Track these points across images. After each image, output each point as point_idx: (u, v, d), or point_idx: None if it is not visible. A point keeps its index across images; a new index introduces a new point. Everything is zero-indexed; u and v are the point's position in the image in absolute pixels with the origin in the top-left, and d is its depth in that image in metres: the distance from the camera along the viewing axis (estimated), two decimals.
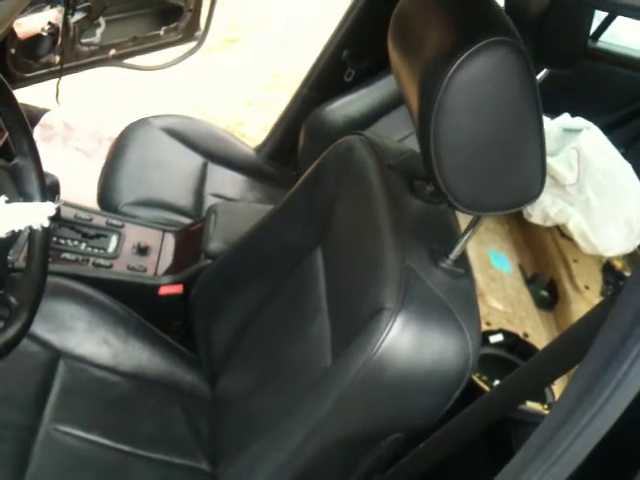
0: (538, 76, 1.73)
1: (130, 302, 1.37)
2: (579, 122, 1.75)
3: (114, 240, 1.51)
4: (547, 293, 1.55)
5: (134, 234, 1.54)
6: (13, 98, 1.06)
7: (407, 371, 0.80)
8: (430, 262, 0.88)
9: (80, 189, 1.75)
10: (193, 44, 2.21)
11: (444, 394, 0.83)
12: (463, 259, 0.91)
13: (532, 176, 0.79)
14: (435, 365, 0.81)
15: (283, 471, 0.93)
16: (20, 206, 0.96)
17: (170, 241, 1.56)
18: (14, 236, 0.96)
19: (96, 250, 1.47)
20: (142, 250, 1.50)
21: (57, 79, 1.95)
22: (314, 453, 0.90)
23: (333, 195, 1.10)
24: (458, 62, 0.73)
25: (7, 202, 0.91)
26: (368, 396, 0.83)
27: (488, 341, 1.36)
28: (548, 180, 1.71)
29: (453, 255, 0.88)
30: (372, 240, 0.93)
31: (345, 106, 1.91)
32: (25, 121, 1.08)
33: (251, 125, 3.05)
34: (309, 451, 0.90)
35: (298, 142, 2.00)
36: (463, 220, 1.08)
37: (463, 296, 0.86)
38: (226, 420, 1.22)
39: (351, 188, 1.06)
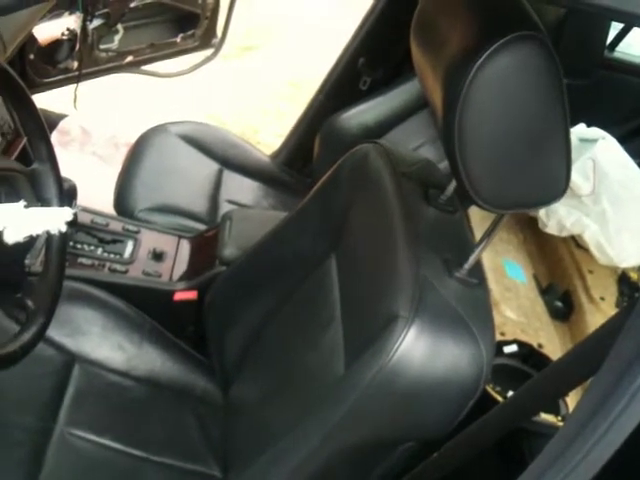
0: None
1: (145, 307, 1.38)
2: (595, 132, 1.74)
3: (130, 245, 1.52)
4: (562, 304, 1.55)
5: (150, 240, 1.55)
6: (32, 103, 1.07)
7: (420, 380, 0.80)
8: (444, 271, 0.88)
9: (96, 194, 1.76)
10: (210, 51, 2.23)
11: (457, 404, 0.83)
12: (478, 269, 0.91)
13: (557, 173, 0.78)
14: (448, 374, 0.80)
15: (295, 478, 0.92)
16: (38, 211, 0.97)
17: (185, 247, 1.57)
18: (31, 241, 0.97)
19: (112, 255, 1.48)
20: (157, 256, 1.51)
21: (75, 85, 1.97)
22: (326, 461, 0.90)
23: (347, 203, 1.10)
24: (484, 57, 0.72)
25: (25, 207, 0.92)
26: (381, 404, 0.83)
27: (502, 351, 1.36)
28: None
29: (468, 265, 0.88)
30: (386, 249, 0.93)
31: (360, 114, 1.92)
32: (44, 126, 1.09)
33: (266, 133, 3.06)
34: (321, 458, 0.90)
35: (313, 150, 2.01)
36: (477, 231, 1.08)
37: (477, 306, 0.86)
38: (238, 426, 1.23)
39: (366, 196, 1.06)
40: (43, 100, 1.74)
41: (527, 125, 0.75)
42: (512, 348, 1.37)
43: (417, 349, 0.79)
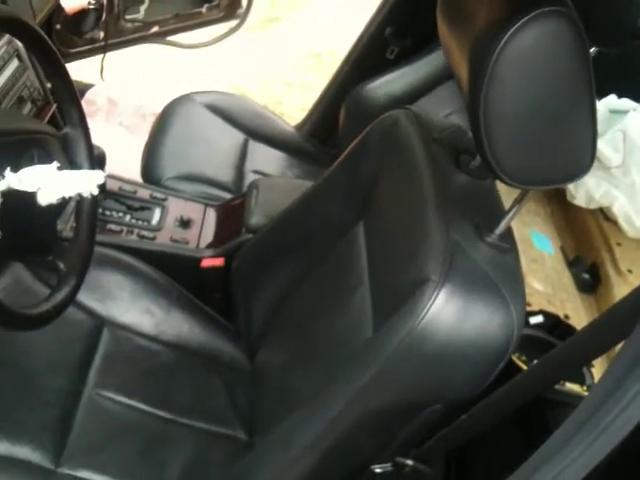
0: None
1: (172, 274, 1.40)
2: (626, 103, 1.71)
3: (157, 213, 1.53)
4: (589, 276, 1.53)
5: (177, 207, 1.56)
6: (65, 69, 1.08)
7: (450, 343, 0.80)
8: (475, 236, 0.87)
9: (123, 164, 1.77)
10: (234, 22, 2.23)
11: (486, 367, 0.83)
12: (508, 234, 0.90)
13: (582, 150, 0.78)
14: (479, 338, 0.80)
15: (320, 440, 0.93)
16: (70, 173, 0.97)
17: (212, 215, 1.57)
18: (63, 203, 0.98)
19: (140, 222, 1.49)
20: (185, 223, 1.52)
21: (101, 55, 1.98)
22: (352, 423, 0.91)
23: (377, 169, 1.10)
24: (510, 32, 0.71)
25: (58, 169, 0.93)
26: (410, 366, 0.83)
27: (528, 322, 1.35)
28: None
29: (499, 230, 0.88)
30: (416, 214, 0.93)
31: (387, 84, 1.90)
32: (75, 92, 1.10)
33: (290, 105, 3.05)
34: (347, 421, 0.91)
35: (338, 120, 2.00)
36: (506, 200, 1.07)
37: (508, 270, 0.86)
38: (264, 391, 1.24)
39: (395, 162, 1.06)
40: (69, 70, 1.75)
41: (553, 101, 0.75)
42: (538, 319, 1.36)
43: (447, 312, 0.79)
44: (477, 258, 0.84)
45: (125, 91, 2.50)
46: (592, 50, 1.55)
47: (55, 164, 0.93)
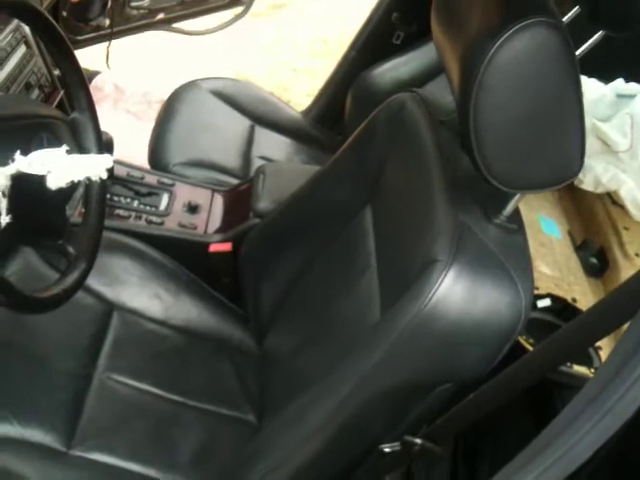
0: (592, 38, 1.70)
1: (180, 259, 1.41)
2: (633, 87, 1.70)
3: (165, 198, 1.54)
4: (596, 260, 1.53)
5: (184, 193, 1.56)
6: (73, 54, 1.08)
7: (459, 323, 0.80)
8: (483, 217, 0.88)
9: (130, 150, 1.78)
10: (240, 9, 2.22)
11: (495, 346, 0.83)
12: (516, 216, 0.90)
13: (571, 155, 0.79)
14: (487, 317, 0.81)
15: (330, 421, 0.94)
16: (79, 157, 0.98)
17: (219, 200, 1.58)
18: (72, 188, 0.99)
19: (148, 207, 1.50)
20: (192, 208, 1.52)
21: (107, 42, 1.98)
22: (362, 404, 0.91)
23: (384, 152, 1.10)
24: (500, 41, 0.73)
25: (68, 152, 0.93)
26: (419, 347, 0.83)
27: (535, 305, 1.35)
28: (600, 146, 1.68)
29: (507, 211, 0.88)
30: (424, 196, 0.93)
31: (393, 69, 1.90)
32: (84, 77, 1.10)
33: (296, 91, 3.04)
34: (357, 402, 0.91)
35: (345, 106, 2.00)
36: None
37: (516, 251, 0.86)
38: (273, 375, 1.25)
39: (403, 145, 1.06)
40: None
41: (541, 109, 0.77)
42: (545, 302, 1.36)
43: (455, 292, 0.80)
44: (485, 239, 0.84)
45: (131, 78, 2.50)
46: (600, 34, 1.54)
47: (65, 147, 0.93)
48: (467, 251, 0.81)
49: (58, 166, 0.92)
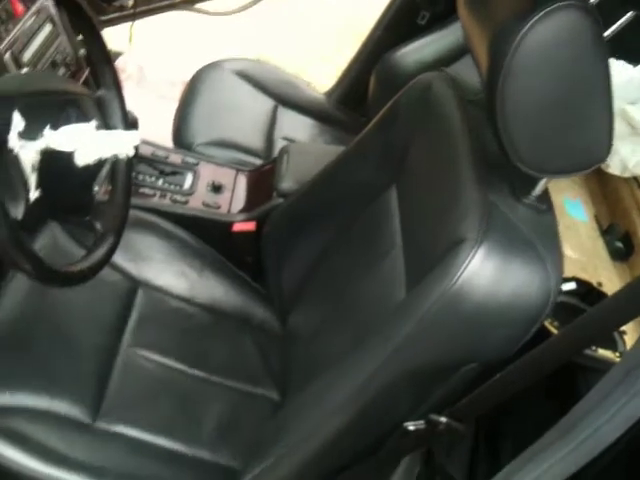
0: (622, 19, 1.66)
1: (204, 238, 1.41)
2: None
3: (189, 177, 1.54)
4: (622, 245, 1.52)
5: (208, 172, 1.57)
6: (98, 32, 1.08)
7: (486, 302, 0.80)
8: (512, 197, 0.87)
9: (154, 130, 1.78)
10: None
11: (523, 328, 0.83)
12: (545, 197, 0.89)
13: (599, 140, 0.79)
14: (515, 298, 0.80)
15: (354, 399, 0.94)
16: (107, 133, 0.98)
17: (243, 180, 1.58)
18: (99, 165, 0.99)
19: (172, 186, 1.51)
20: (216, 188, 1.53)
21: (130, 23, 1.98)
22: (387, 383, 0.91)
23: (409, 132, 1.09)
24: (528, 25, 0.73)
25: (97, 127, 0.94)
26: (446, 326, 0.83)
27: (560, 289, 1.34)
28: (627, 129, 1.65)
29: (536, 192, 0.87)
30: (452, 175, 0.92)
31: (418, 50, 1.88)
32: (108, 54, 1.10)
33: (317, 73, 3.02)
34: (382, 381, 0.91)
35: (368, 87, 1.98)
36: None
37: (546, 231, 0.85)
38: (297, 353, 1.25)
39: (429, 124, 1.05)
40: None
41: (569, 93, 0.76)
42: (571, 286, 1.35)
43: (484, 271, 0.79)
44: (514, 218, 0.83)
45: (154, 59, 2.50)
46: (630, 14, 1.51)
47: (94, 122, 0.93)
48: (496, 230, 0.80)
49: (86, 143, 0.92)
